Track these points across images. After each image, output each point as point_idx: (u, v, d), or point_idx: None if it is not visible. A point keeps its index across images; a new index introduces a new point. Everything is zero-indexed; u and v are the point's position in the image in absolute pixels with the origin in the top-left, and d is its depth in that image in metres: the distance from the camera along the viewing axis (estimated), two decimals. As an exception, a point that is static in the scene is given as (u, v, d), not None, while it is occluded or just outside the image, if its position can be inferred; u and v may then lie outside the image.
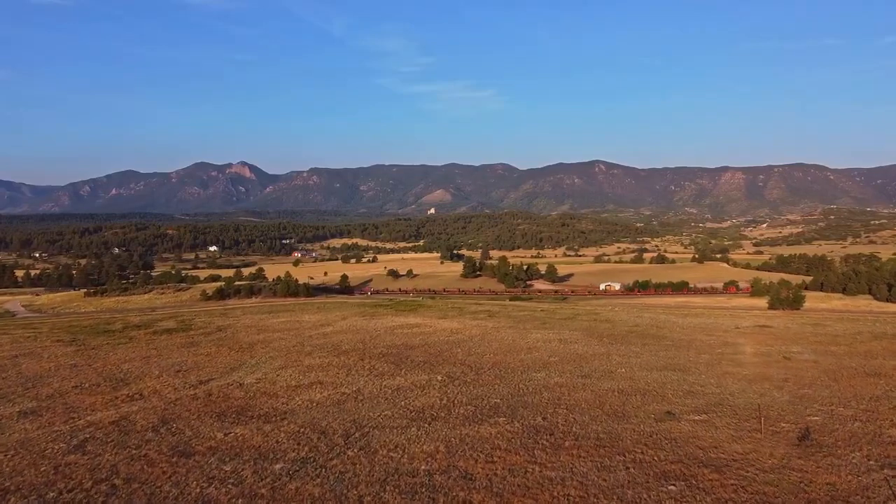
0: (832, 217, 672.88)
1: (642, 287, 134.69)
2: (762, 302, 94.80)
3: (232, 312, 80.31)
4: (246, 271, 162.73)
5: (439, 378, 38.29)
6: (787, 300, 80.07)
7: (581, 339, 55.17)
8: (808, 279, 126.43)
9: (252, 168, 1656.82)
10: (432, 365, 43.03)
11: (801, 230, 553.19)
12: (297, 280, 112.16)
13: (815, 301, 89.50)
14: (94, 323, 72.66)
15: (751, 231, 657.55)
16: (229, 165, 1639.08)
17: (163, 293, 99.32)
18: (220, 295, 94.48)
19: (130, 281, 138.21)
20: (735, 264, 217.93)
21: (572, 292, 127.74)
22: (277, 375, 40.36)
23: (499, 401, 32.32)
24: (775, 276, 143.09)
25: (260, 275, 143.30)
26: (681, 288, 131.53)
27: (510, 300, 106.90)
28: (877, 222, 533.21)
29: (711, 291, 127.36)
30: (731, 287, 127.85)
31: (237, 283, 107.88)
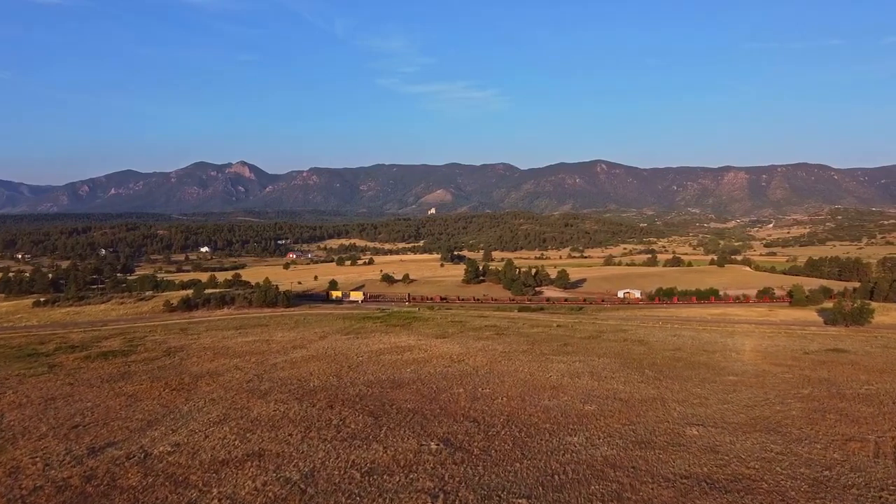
0: (839, 217, 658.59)
1: (667, 295, 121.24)
2: (810, 314, 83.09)
3: (194, 328, 68.64)
4: (221, 276, 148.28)
5: (433, 446, 26.60)
6: (850, 314, 68.13)
7: (617, 370, 43.39)
8: (855, 286, 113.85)
9: (252, 168, 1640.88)
10: (425, 417, 31.36)
11: (808, 230, 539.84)
12: (276, 287, 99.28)
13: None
14: (25, 342, 61.06)
15: (757, 231, 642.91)
16: (229, 165, 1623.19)
17: (122, 303, 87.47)
18: (187, 306, 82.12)
19: (100, 287, 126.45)
20: (757, 267, 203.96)
21: (588, 301, 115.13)
22: (206, 437, 28.68)
23: (525, 501, 20.71)
24: (811, 282, 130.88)
25: (237, 281, 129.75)
26: (710, 297, 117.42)
27: (519, 311, 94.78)
28: (887, 222, 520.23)
29: (744, 301, 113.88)
30: (766, 297, 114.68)
31: (208, 291, 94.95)
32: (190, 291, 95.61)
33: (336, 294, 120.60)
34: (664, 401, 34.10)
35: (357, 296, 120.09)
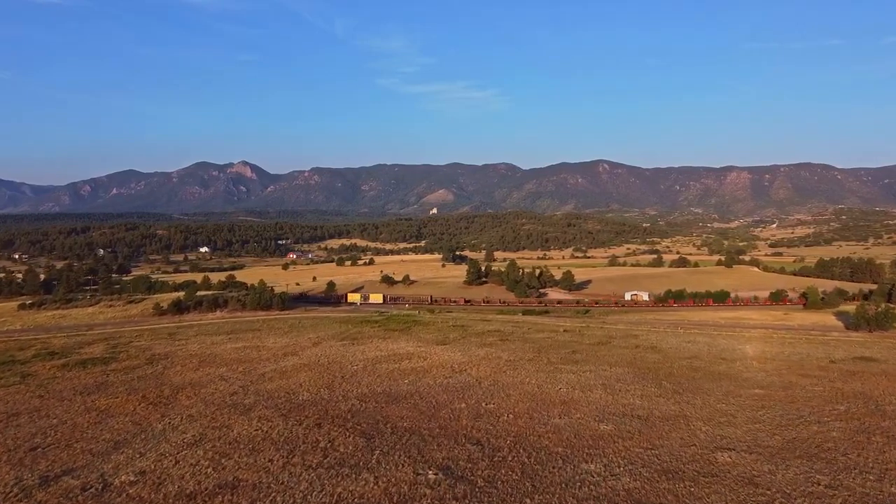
0: (844, 217, 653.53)
1: (676, 297, 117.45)
2: (828, 318, 79.94)
3: (183, 332, 65.58)
4: (217, 277, 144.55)
5: (431, 476, 23.41)
6: (874, 319, 65.08)
7: (631, 382, 40.17)
8: (871, 288, 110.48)
9: (253, 168, 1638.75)
10: (423, 439, 28.19)
11: (812, 230, 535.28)
12: (271, 289, 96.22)
13: (892, 318, 73.69)
14: (4, 348, 58.21)
15: (761, 231, 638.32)
16: (230, 165, 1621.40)
17: (111, 306, 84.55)
18: (177, 309, 79.18)
19: (93, 288, 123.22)
20: (766, 268, 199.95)
21: (594, 303, 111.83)
22: (176, 463, 25.53)
23: (539, 552, 17.53)
24: (822, 284, 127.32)
25: (231, 282, 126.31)
26: (721, 299, 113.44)
27: (523, 314, 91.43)
28: (893, 222, 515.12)
29: (757, 303, 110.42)
30: (779, 299, 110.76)
31: (199, 293, 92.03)
32: (181, 294, 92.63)
33: (354, 298, 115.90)
34: (687, 419, 30.87)
35: (377, 298, 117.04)
